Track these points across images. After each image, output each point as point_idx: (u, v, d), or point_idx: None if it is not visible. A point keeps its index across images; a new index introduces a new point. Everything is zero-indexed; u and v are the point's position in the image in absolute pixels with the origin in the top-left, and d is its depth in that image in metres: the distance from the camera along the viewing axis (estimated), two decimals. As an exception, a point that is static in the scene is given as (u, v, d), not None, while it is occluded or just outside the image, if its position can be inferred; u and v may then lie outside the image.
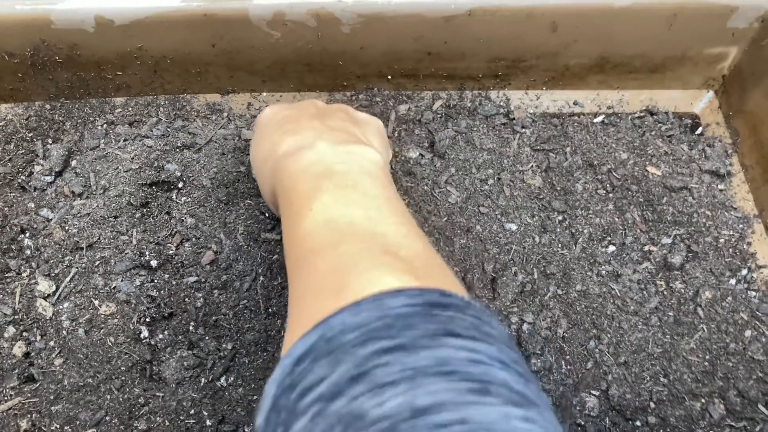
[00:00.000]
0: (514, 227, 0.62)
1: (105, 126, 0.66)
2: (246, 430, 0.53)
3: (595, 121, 0.68)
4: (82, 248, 0.59)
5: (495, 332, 0.31)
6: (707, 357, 0.57)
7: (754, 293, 0.60)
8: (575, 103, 0.70)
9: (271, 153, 0.48)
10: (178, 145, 0.64)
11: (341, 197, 0.40)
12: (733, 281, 0.60)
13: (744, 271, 0.61)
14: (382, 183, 0.43)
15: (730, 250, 0.62)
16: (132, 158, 0.63)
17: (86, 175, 0.62)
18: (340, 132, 0.47)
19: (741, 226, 0.63)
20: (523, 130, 0.68)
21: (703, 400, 0.55)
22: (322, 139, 0.45)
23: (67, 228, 0.59)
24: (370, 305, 0.30)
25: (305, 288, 0.36)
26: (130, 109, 0.67)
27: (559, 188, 0.64)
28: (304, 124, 0.48)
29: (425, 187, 0.64)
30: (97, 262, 0.58)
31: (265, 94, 0.69)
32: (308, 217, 0.39)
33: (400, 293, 0.30)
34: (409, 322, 0.29)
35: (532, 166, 0.66)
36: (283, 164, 0.45)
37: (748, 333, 0.58)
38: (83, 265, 0.58)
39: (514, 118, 0.68)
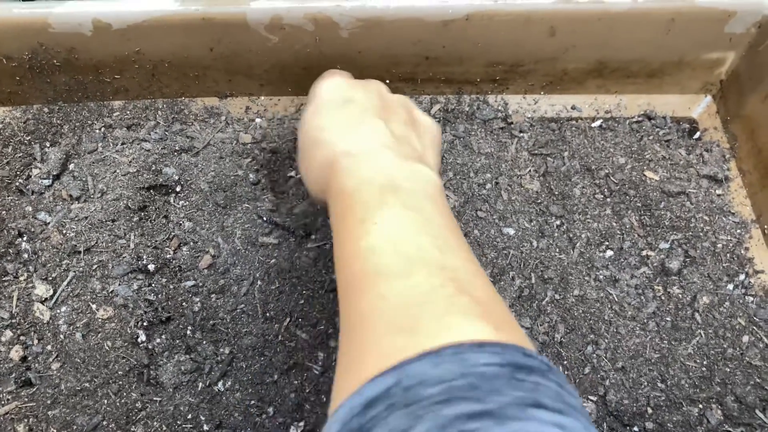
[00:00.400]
0: (512, 232, 0.62)
1: (103, 129, 0.66)
2: (243, 434, 0.53)
3: (593, 125, 0.68)
4: (79, 252, 0.59)
5: (576, 402, 0.30)
6: (705, 362, 0.57)
7: (751, 298, 0.60)
8: (573, 108, 0.70)
9: (330, 145, 0.45)
10: (176, 148, 0.64)
11: (408, 218, 0.38)
12: (730, 286, 0.60)
13: (741, 277, 0.61)
14: (444, 210, 0.41)
15: (728, 255, 0.62)
16: (130, 162, 0.63)
17: (84, 179, 0.62)
18: (403, 143, 0.45)
19: (739, 231, 0.63)
20: (521, 134, 0.68)
21: (700, 406, 0.55)
22: (387, 147, 0.43)
23: (64, 232, 0.59)
24: (452, 358, 0.29)
25: (371, 316, 0.34)
26: (128, 112, 0.67)
27: (556, 193, 0.64)
28: (368, 121, 0.46)
29: (423, 192, 0.64)
30: (95, 266, 0.58)
31: (263, 98, 0.69)
32: (373, 232, 0.37)
33: (482, 348, 0.29)
34: (494, 386, 0.28)
35: (530, 170, 0.66)
36: (343, 163, 0.42)
37: (745, 338, 0.58)
38: (81, 268, 0.58)
39: (512, 123, 0.68)
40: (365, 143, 0.44)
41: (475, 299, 0.33)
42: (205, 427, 0.53)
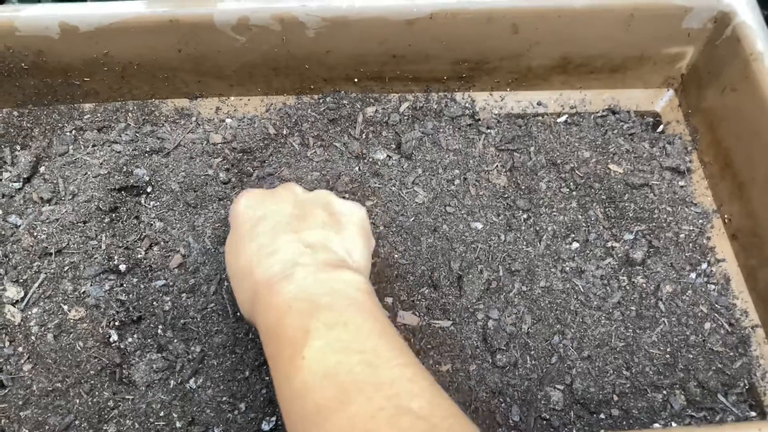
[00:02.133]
0: (480, 226, 0.63)
1: (74, 132, 0.66)
2: (216, 431, 0.54)
3: (558, 120, 0.70)
4: (50, 254, 0.59)
5: None
6: (668, 350, 0.58)
7: (713, 286, 0.61)
8: (539, 104, 0.71)
9: (248, 275, 0.45)
10: (147, 149, 0.65)
11: (333, 340, 0.38)
12: (693, 275, 0.62)
13: (704, 265, 0.62)
14: (372, 313, 0.40)
15: (690, 245, 0.63)
16: (101, 163, 0.64)
17: (55, 181, 0.62)
18: (320, 250, 0.45)
19: (700, 221, 0.65)
20: (488, 130, 0.69)
21: (664, 392, 0.57)
22: (300, 264, 0.43)
23: (35, 234, 0.60)
24: None
25: None
26: (98, 114, 0.67)
27: (523, 187, 0.66)
28: (280, 239, 0.46)
29: (393, 188, 0.65)
30: (66, 268, 0.59)
31: (233, 98, 0.69)
32: (303, 369, 0.37)
33: None
34: None
35: (497, 165, 0.67)
36: (262, 296, 0.43)
37: (707, 325, 0.59)
38: (52, 270, 0.58)
39: (479, 119, 0.69)
40: (279, 265, 0.44)
41: (416, 415, 0.33)
42: (178, 424, 0.54)
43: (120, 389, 0.54)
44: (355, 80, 0.67)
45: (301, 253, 0.44)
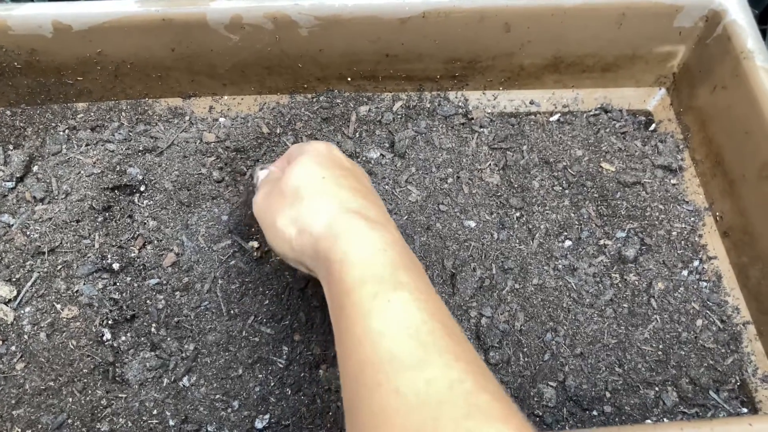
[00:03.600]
0: (473, 224, 0.64)
1: (67, 131, 0.66)
2: (209, 429, 0.54)
3: (551, 119, 0.70)
4: (43, 253, 0.59)
5: None
6: (660, 346, 0.58)
7: (705, 284, 0.62)
8: (531, 103, 0.71)
9: (327, 198, 0.43)
10: (140, 149, 0.65)
11: (419, 300, 0.36)
12: (685, 272, 0.62)
13: (696, 263, 0.63)
14: (432, 289, 0.39)
15: (682, 242, 0.64)
16: (94, 163, 0.64)
17: (48, 180, 0.62)
18: (381, 205, 0.45)
19: (692, 219, 0.65)
20: (482, 129, 0.69)
21: (656, 389, 0.57)
22: (388, 220, 0.43)
23: (28, 233, 0.59)
24: None
25: (386, 417, 0.32)
26: (92, 114, 0.67)
27: (516, 186, 0.66)
28: (364, 187, 0.45)
29: (386, 187, 0.65)
30: (59, 267, 0.58)
31: (226, 97, 0.69)
32: (387, 312, 0.35)
33: None
34: None
35: (490, 164, 0.67)
36: (354, 224, 0.40)
37: (699, 322, 0.60)
38: (45, 269, 0.58)
39: (472, 118, 0.69)
40: (370, 210, 0.42)
41: (494, 396, 0.32)
42: (171, 423, 0.54)
43: (113, 388, 0.54)
44: (349, 79, 0.68)
45: (382, 209, 0.44)
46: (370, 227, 0.40)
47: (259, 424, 0.54)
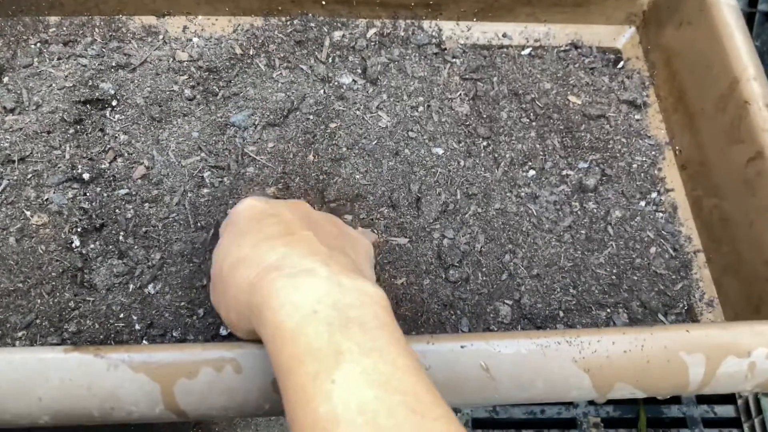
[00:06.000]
0: (440, 151, 0.65)
1: (38, 45, 0.66)
2: (174, 334, 0.55)
3: (522, 53, 0.71)
4: (13, 161, 0.59)
5: None
6: (614, 271, 0.61)
7: (661, 214, 0.64)
8: (504, 36, 0.72)
9: (252, 262, 0.39)
10: (113, 65, 0.65)
11: (370, 370, 0.31)
12: (642, 203, 0.64)
13: (653, 194, 0.65)
14: (401, 343, 0.34)
15: (642, 174, 0.65)
16: (66, 76, 0.64)
17: (18, 92, 0.63)
18: (337, 252, 0.39)
19: (653, 153, 0.67)
20: (454, 60, 0.70)
21: (608, 310, 0.59)
22: (321, 261, 0.37)
23: (-2, 142, 0.60)
24: None
25: None
26: (64, 28, 0.67)
27: (485, 116, 0.67)
28: (297, 230, 0.41)
29: (357, 112, 0.66)
30: (30, 175, 0.59)
31: (200, 17, 0.69)
32: (332, 395, 0.30)
33: None
34: None
35: (460, 94, 0.68)
36: (271, 283, 0.35)
37: (653, 250, 0.62)
38: (15, 177, 0.59)
39: (445, 48, 0.70)
40: (294, 256, 0.38)
41: None
42: (137, 327, 0.55)
43: (81, 291, 0.56)
44: (323, 3, 0.68)
45: (320, 251, 0.39)
46: (293, 284, 0.35)
47: (224, 331, 0.56)
